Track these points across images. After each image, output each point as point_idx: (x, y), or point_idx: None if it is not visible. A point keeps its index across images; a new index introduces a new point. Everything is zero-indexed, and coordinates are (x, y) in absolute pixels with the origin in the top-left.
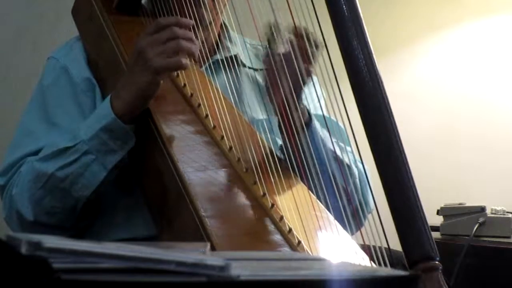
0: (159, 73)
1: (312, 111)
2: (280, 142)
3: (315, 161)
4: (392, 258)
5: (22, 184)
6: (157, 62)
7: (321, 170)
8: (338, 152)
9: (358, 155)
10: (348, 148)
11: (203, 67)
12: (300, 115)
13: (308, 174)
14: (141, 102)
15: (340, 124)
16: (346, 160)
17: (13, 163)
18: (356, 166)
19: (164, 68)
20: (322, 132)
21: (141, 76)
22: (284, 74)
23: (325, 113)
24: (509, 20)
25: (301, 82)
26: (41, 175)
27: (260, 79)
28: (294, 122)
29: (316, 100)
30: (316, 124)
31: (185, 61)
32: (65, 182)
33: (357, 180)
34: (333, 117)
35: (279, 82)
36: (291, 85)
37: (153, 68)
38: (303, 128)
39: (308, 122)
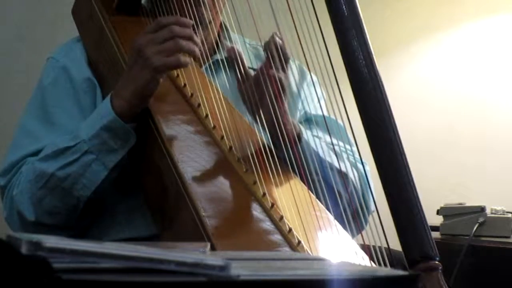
0: (158, 71)
1: (312, 112)
2: None
3: (308, 172)
4: (392, 258)
5: (23, 184)
6: (156, 61)
7: (315, 180)
8: (334, 159)
9: (358, 154)
10: (348, 147)
11: (203, 67)
12: (292, 128)
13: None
14: (141, 100)
15: (340, 122)
16: (342, 166)
17: (13, 164)
18: (356, 168)
19: (163, 67)
20: (314, 143)
21: (141, 75)
22: (260, 93)
23: (325, 113)
24: (509, 20)
25: (281, 95)
26: (42, 175)
27: None
28: (284, 138)
29: (316, 100)
30: (307, 136)
31: (184, 59)
32: (66, 182)
33: (357, 183)
34: (332, 117)
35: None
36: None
37: (152, 66)
38: (295, 143)
39: (299, 135)
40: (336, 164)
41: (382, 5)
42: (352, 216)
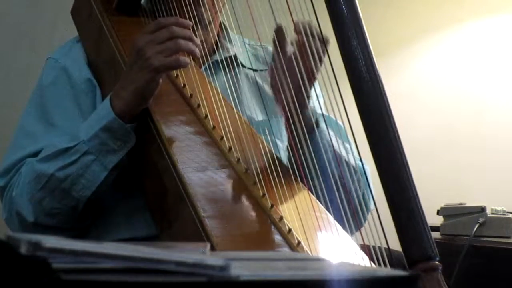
0: (158, 72)
1: None
2: (279, 143)
3: (321, 162)
4: (392, 258)
5: (22, 185)
6: (156, 61)
7: (326, 172)
8: (344, 153)
9: (358, 154)
10: (347, 146)
11: (202, 68)
12: (311, 114)
13: (314, 174)
14: (141, 101)
15: (339, 122)
16: (351, 162)
17: (13, 164)
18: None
19: (163, 67)
20: (329, 135)
21: (140, 75)
22: (290, 74)
23: (325, 113)
24: (509, 20)
25: (307, 81)
26: (41, 176)
27: (259, 80)
28: (301, 123)
29: (315, 98)
30: (323, 125)
31: (184, 59)
32: (65, 182)
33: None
34: (332, 117)
35: (284, 83)
36: (299, 84)
37: (152, 67)
38: (313, 129)
39: (317, 123)
40: (351, 159)
41: (382, 5)
42: (352, 214)
